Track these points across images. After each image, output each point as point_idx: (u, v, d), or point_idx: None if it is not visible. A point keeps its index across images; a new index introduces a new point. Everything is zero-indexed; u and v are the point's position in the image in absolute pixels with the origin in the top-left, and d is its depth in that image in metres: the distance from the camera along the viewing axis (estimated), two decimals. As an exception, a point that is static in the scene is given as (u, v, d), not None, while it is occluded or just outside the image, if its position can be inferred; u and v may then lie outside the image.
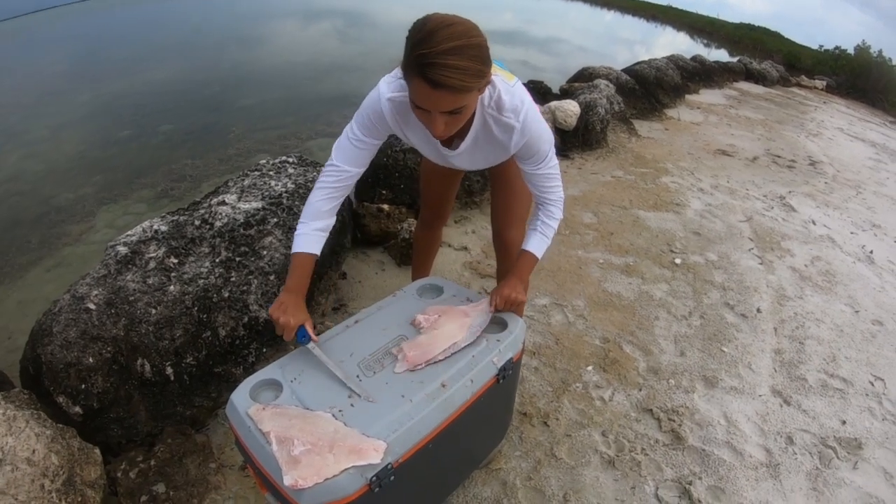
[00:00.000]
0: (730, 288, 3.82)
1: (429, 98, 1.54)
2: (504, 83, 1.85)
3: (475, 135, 1.93)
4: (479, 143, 1.96)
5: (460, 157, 2.03)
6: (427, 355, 1.77)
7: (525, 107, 1.86)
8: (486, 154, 2.03)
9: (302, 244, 1.91)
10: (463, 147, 1.97)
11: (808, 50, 22.11)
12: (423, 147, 2.09)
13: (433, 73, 1.46)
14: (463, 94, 1.54)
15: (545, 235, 2.09)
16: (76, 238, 4.85)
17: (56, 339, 2.16)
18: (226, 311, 2.49)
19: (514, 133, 1.87)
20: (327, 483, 1.37)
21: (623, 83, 7.84)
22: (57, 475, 1.92)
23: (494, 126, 1.88)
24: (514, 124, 1.85)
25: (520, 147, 1.91)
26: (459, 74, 1.48)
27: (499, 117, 1.85)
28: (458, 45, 1.47)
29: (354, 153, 1.95)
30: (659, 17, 34.33)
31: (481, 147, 1.98)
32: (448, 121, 1.62)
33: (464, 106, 1.59)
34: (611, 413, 2.67)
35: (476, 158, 2.06)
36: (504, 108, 1.84)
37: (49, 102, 9.22)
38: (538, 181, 2.04)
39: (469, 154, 2.02)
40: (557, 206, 2.11)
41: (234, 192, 2.99)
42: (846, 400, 2.97)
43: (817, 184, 6.44)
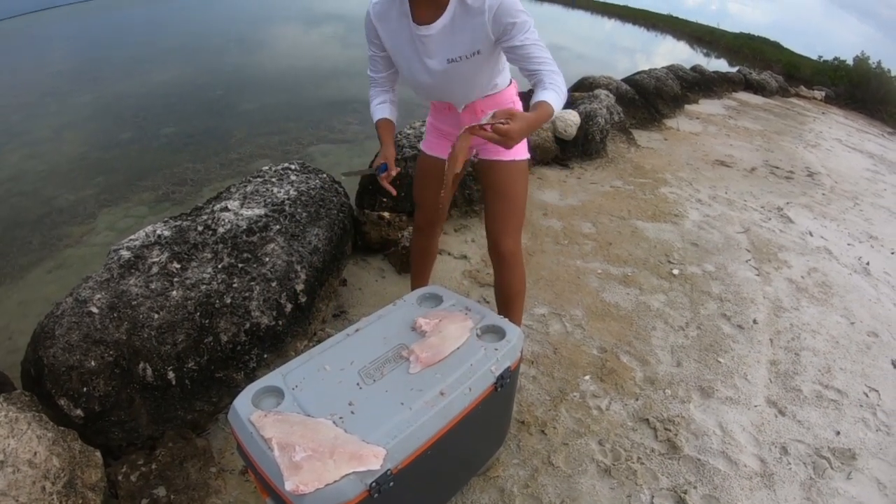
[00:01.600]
0: (727, 299, 3.84)
1: None
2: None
3: (452, 11, 1.98)
4: (457, 18, 2.00)
5: (437, 37, 2.04)
6: (439, 356, 1.80)
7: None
8: (464, 33, 2.01)
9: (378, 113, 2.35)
10: (440, 22, 2.01)
11: (807, 60, 22.17)
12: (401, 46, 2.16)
13: None
14: None
15: (558, 92, 2.02)
16: (77, 240, 4.87)
17: (58, 342, 2.18)
18: (228, 316, 2.51)
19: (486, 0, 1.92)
20: (328, 488, 1.39)
21: (623, 93, 7.87)
22: (58, 477, 1.93)
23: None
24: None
25: (493, 13, 1.93)
26: None
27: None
28: None
29: (375, 62, 2.31)
30: (659, 26, 34.41)
31: (459, 24, 2.00)
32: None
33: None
34: (607, 422, 2.69)
35: (454, 39, 2.04)
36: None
37: (51, 103, 9.24)
38: (530, 52, 2.03)
39: (447, 32, 2.03)
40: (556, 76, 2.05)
41: (236, 199, 3.01)
42: (840, 411, 2.99)
43: (815, 195, 6.47)
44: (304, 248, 2.92)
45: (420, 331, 1.92)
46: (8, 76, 11.86)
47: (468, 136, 1.83)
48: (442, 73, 2.12)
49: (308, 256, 2.91)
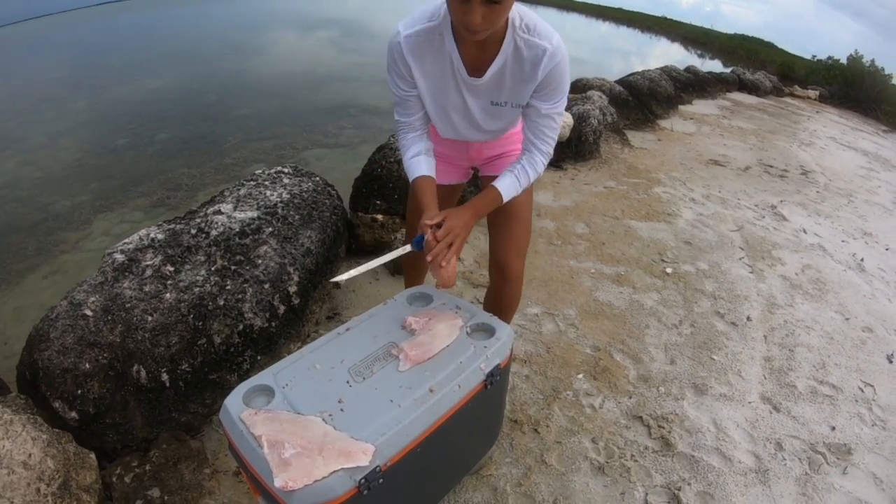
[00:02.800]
0: (720, 297, 3.85)
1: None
2: (533, 13, 1.84)
3: (504, 58, 1.86)
4: (508, 67, 1.89)
5: (485, 85, 1.94)
6: (428, 353, 1.81)
7: (556, 34, 1.83)
8: (513, 82, 1.92)
9: (415, 170, 2.08)
10: (491, 72, 1.90)
11: (801, 60, 22.26)
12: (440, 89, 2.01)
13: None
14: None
15: (519, 181, 2.03)
16: (73, 245, 4.86)
17: (53, 345, 2.18)
18: (221, 318, 2.51)
19: (546, 55, 1.81)
20: (317, 485, 1.40)
21: (616, 94, 7.89)
22: (52, 479, 1.94)
23: (525, 49, 1.83)
24: (547, 46, 1.80)
25: (547, 72, 1.84)
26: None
27: (530, 39, 1.81)
28: None
29: (404, 104, 2.06)
30: (653, 28, 34.54)
31: (509, 73, 1.90)
32: (486, 13, 1.60)
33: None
34: (601, 420, 2.70)
35: (502, 88, 1.95)
36: (535, 30, 1.81)
37: (46, 109, 9.23)
38: (541, 123, 1.98)
39: (496, 81, 1.93)
40: (543, 160, 2.05)
41: (229, 202, 3.02)
42: (836, 406, 3.00)
43: (809, 193, 6.49)
44: (296, 250, 2.93)
45: (410, 329, 1.93)
46: (3, 83, 11.86)
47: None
48: (480, 112, 2.07)
49: (301, 258, 2.92)
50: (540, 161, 2.04)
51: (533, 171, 2.04)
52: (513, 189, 2.03)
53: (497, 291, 2.43)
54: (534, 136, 2.01)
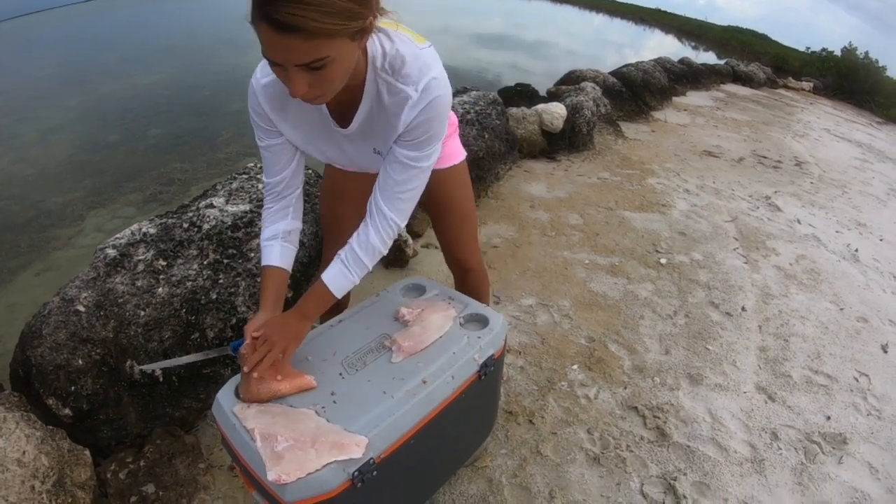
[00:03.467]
0: (715, 287, 3.85)
1: (277, 46, 1.20)
2: (410, 43, 1.49)
3: (369, 105, 1.54)
4: (374, 116, 1.56)
5: (356, 135, 1.63)
6: (421, 345, 1.80)
7: (429, 77, 1.46)
8: (383, 131, 1.58)
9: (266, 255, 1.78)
10: (356, 122, 1.58)
11: (795, 52, 22.27)
12: (310, 137, 1.70)
13: (276, 9, 1.13)
14: (322, 40, 1.20)
15: (349, 270, 1.64)
16: (65, 242, 4.86)
17: (46, 342, 2.17)
18: (214, 312, 2.51)
19: (408, 105, 1.47)
20: (310, 478, 1.39)
21: (610, 86, 7.88)
22: (47, 476, 1.93)
23: (387, 95, 1.49)
24: (411, 93, 1.46)
25: (408, 125, 1.49)
26: (308, 11, 1.14)
27: (393, 83, 1.47)
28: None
29: (268, 160, 1.75)
30: (647, 20, 34.54)
31: (377, 121, 1.57)
32: (312, 80, 1.28)
33: (326, 58, 1.23)
34: (596, 411, 2.70)
35: (374, 138, 1.63)
36: (400, 72, 1.46)
37: (38, 106, 9.22)
38: (396, 176, 1.58)
39: (364, 132, 1.62)
40: (387, 230, 1.64)
41: (221, 195, 3.01)
42: (831, 396, 3.00)
43: (803, 184, 6.49)
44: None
45: (402, 320, 1.92)
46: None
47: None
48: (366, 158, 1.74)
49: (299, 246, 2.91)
50: (380, 233, 1.62)
51: (368, 253, 1.64)
52: (343, 280, 1.64)
53: (461, 283, 2.35)
54: (381, 192, 1.61)
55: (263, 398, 1.59)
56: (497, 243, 4.11)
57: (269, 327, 1.61)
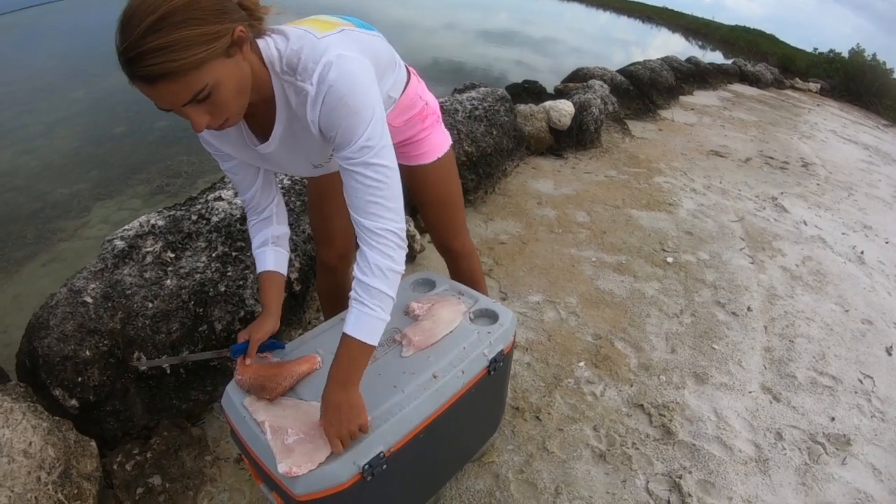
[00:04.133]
0: (721, 287, 3.85)
1: (157, 96, 1.19)
2: (306, 35, 1.38)
3: (285, 115, 1.45)
4: (293, 125, 1.47)
5: (280, 150, 1.55)
6: (431, 339, 1.80)
7: (322, 63, 1.32)
8: (307, 140, 1.49)
9: (259, 262, 1.80)
10: (275, 136, 1.50)
11: (802, 53, 22.25)
12: (252, 158, 1.65)
13: (139, 68, 1.13)
14: (192, 74, 1.17)
15: (368, 308, 1.41)
16: (71, 233, 4.86)
17: (53, 333, 2.18)
18: (222, 305, 2.51)
19: (308, 101, 1.36)
20: (320, 471, 1.40)
21: (618, 84, 7.87)
22: (53, 467, 1.94)
23: (294, 97, 1.40)
24: (307, 88, 1.34)
25: (318, 123, 1.38)
26: (165, 55, 1.12)
27: (294, 83, 1.37)
28: (155, 19, 1.12)
29: (237, 181, 1.74)
30: (654, 18, 34.46)
31: (297, 131, 1.48)
32: (207, 110, 1.24)
33: (206, 86, 1.20)
34: (602, 408, 2.70)
35: (300, 149, 1.55)
36: (298, 69, 1.35)
37: (44, 98, 9.20)
38: (349, 184, 1.41)
39: (287, 146, 1.54)
40: (386, 242, 1.41)
41: (230, 188, 3.01)
42: (835, 397, 3.00)
43: (809, 185, 6.48)
44: (297, 236, 2.92)
45: (413, 315, 1.92)
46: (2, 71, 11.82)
47: None
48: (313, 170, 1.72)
49: (302, 245, 2.91)
50: (381, 251, 1.40)
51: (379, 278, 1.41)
52: (367, 320, 1.41)
53: (454, 269, 2.38)
54: (353, 210, 1.42)
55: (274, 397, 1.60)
56: (504, 240, 4.11)
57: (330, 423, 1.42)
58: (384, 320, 1.43)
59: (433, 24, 20.40)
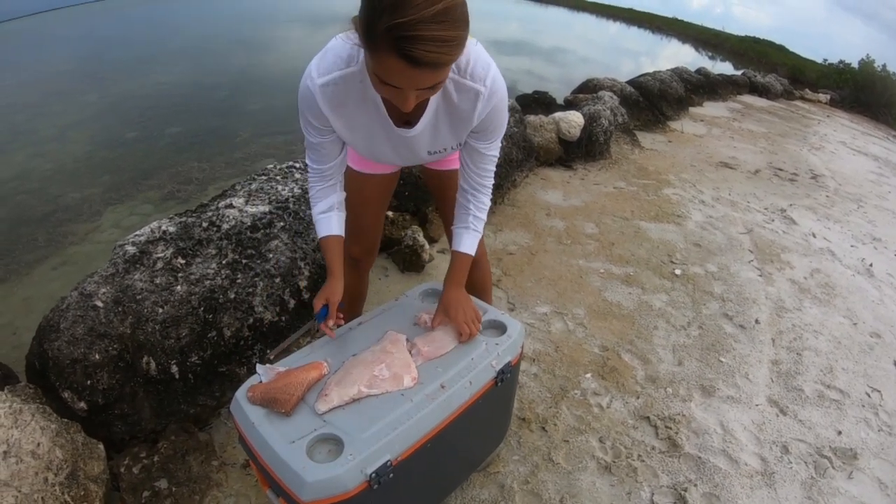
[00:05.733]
0: (729, 299, 3.84)
1: (407, 77, 1.26)
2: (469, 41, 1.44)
3: (435, 107, 1.62)
4: (440, 115, 1.66)
5: (421, 136, 1.71)
6: (441, 350, 1.82)
7: (492, 70, 1.58)
8: (448, 129, 1.71)
9: (322, 227, 1.92)
10: (423, 123, 1.65)
11: (812, 63, 22.18)
12: (368, 138, 1.76)
13: (415, 48, 1.17)
14: (446, 69, 1.31)
15: (478, 231, 1.94)
16: (82, 237, 4.89)
17: (63, 335, 2.20)
18: (231, 311, 2.52)
19: (480, 100, 1.59)
20: (328, 478, 1.40)
21: (627, 95, 7.87)
22: (61, 469, 1.95)
23: (456, 93, 1.59)
24: (481, 89, 1.57)
25: (482, 118, 1.64)
26: (447, 48, 1.20)
27: (462, 82, 1.56)
28: (443, 7, 1.16)
29: (319, 151, 1.81)
30: (664, 28, 34.46)
31: (443, 120, 1.68)
32: (420, 94, 1.35)
33: (444, 79, 1.35)
34: (608, 420, 2.70)
35: (437, 136, 1.74)
36: (468, 71, 1.55)
37: (57, 102, 9.27)
38: (480, 163, 1.84)
39: (430, 132, 1.71)
40: (489, 194, 1.94)
41: (241, 196, 3.03)
42: (842, 411, 2.99)
43: (819, 197, 6.46)
44: (307, 245, 2.94)
45: (423, 325, 1.94)
46: (14, 76, 11.89)
47: None
48: (418, 157, 1.89)
49: (311, 253, 2.93)
50: (486, 199, 1.94)
51: (484, 213, 1.95)
52: (476, 241, 1.95)
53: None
54: (478, 175, 1.87)
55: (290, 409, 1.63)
56: (513, 250, 4.11)
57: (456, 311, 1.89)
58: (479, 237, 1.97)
59: (444, 32, 20.39)
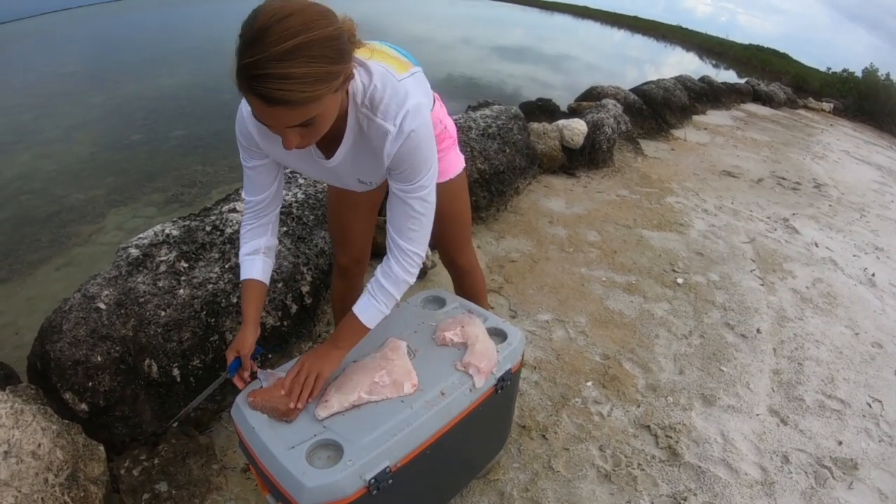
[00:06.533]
0: (730, 308, 3.84)
1: (268, 115, 1.27)
2: (387, 75, 1.52)
3: (352, 139, 1.59)
4: (357, 149, 1.62)
5: (340, 167, 1.68)
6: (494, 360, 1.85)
7: (406, 107, 1.49)
8: (368, 163, 1.65)
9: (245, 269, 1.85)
10: (339, 156, 1.63)
11: (815, 72, 22.13)
12: (298, 164, 1.77)
13: (263, 87, 1.19)
14: (305, 107, 1.26)
15: (376, 301, 1.69)
16: (86, 238, 4.90)
17: (65, 337, 2.20)
18: (234, 316, 2.53)
19: (388, 139, 1.51)
20: (327, 484, 1.41)
21: (631, 103, 7.87)
22: (61, 470, 1.95)
23: (368, 129, 1.55)
24: (389, 128, 1.50)
25: (391, 157, 1.54)
26: (298, 85, 1.20)
27: (372, 119, 1.51)
28: (294, 45, 1.17)
29: (252, 180, 1.78)
30: (668, 36, 34.52)
31: (360, 153, 1.63)
32: (303, 132, 1.34)
33: (315, 116, 1.30)
34: (609, 428, 2.70)
35: (359, 168, 1.69)
36: (380, 108, 1.50)
37: (63, 102, 9.30)
38: (399, 208, 1.64)
39: (350, 163, 1.67)
40: (410, 261, 1.68)
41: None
42: (843, 421, 2.99)
43: (821, 206, 6.45)
44: (310, 250, 2.94)
45: (449, 342, 1.91)
46: (20, 76, 11.93)
47: None
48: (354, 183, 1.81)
49: (314, 259, 2.94)
50: (403, 266, 1.68)
51: (394, 283, 1.69)
52: (373, 310, 1.70)
53: (459, 284, 2.47)
54: (392, 228, 1.67)
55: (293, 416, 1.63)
56: (515, 257, 4.12)
57: (308, 359, 1.70)
58: (385, 314, 1.73)
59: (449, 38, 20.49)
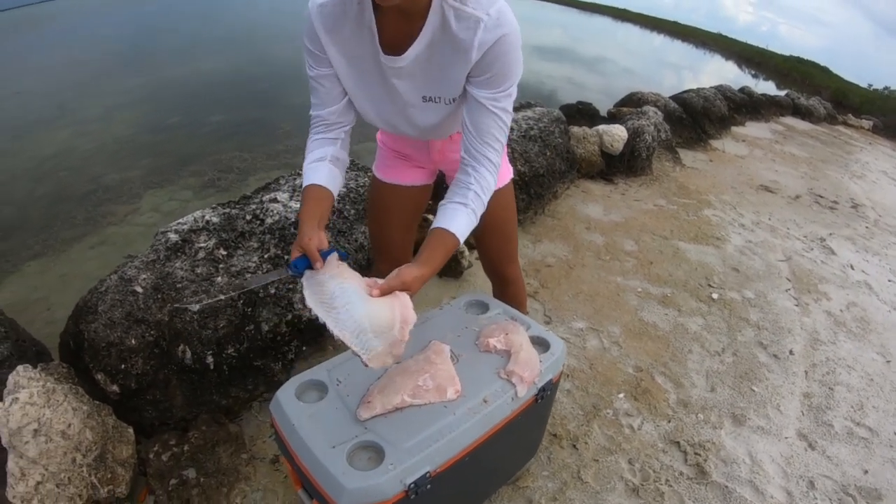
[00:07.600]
0: (764, 327, 3.80)
1: None
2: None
3: (431, 34, 1.46)
4: (435, 47, 1.49)
5: (410, 69, 1.54)
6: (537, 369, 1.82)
7: (501, 2, 1.42)
8: (443, 69, 1.52)
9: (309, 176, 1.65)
10: (414, 50, 1.50)
11: (856, 88, 21.91)
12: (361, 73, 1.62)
13: None
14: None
15: (475, 212, 1.59)
16: (121, 218, 4.94)
17: (101, 318, 2.21)
18: (270, 306, 2.53)
19: (479, 28, 1.40)
20: (368, 486, 1.40)
21: (671, 111, 7.81)
22: (89, 450, 1.97)
23: (455, 22, 1.42)
24: (481, 16, 1.40)
25: (484, 51, 1.43)
26: None
27: (461, 8, 1.41)
28: None
29: (318, 93, 1.67)
30: (709, 44, 34.32)
31: (438, 53, 1.49)
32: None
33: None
34: (639, 442, 2.68)
35: (431, 73, 1.55)
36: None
37: (103, 83, 9.38)
38: (483, 123, 1.53)
39: (422, 68, 1.54)
40: (493, 172, 1.60)
41: (286, 191, 3.04)
42: (870, 449, 2.94)
43: (858, 227, 6.36)
44: (349, 244, 2.94)
45: (493, 349, 1.89)
46: (64, 53, 12.05)
47: None
48: (413, 107, 1.66)
49: (353, 254, 2.94)
50: (490, 176, 1.60)
51: (487, 193, 1.61)
52: (470, 225, 1.58)
53: (500, 292, 2.40)
54: (480, 137, 1.56)
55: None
56: (551, 262, 4.10)
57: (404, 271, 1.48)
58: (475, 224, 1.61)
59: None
